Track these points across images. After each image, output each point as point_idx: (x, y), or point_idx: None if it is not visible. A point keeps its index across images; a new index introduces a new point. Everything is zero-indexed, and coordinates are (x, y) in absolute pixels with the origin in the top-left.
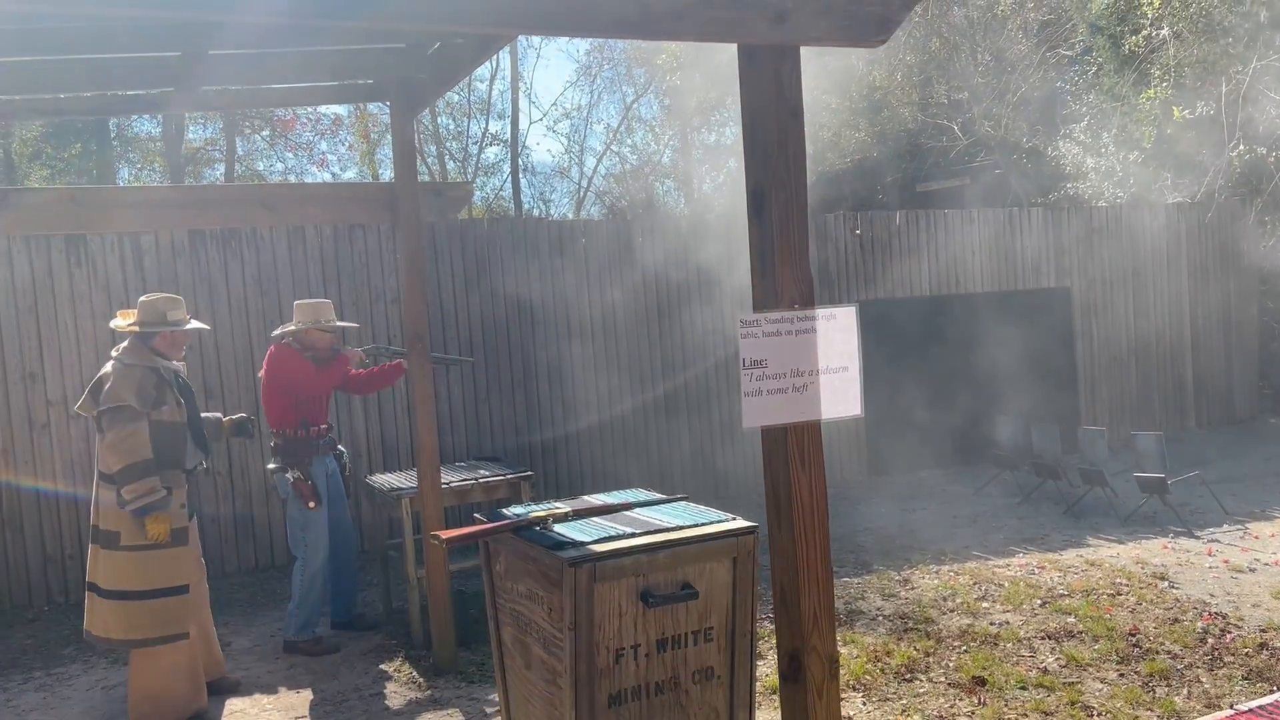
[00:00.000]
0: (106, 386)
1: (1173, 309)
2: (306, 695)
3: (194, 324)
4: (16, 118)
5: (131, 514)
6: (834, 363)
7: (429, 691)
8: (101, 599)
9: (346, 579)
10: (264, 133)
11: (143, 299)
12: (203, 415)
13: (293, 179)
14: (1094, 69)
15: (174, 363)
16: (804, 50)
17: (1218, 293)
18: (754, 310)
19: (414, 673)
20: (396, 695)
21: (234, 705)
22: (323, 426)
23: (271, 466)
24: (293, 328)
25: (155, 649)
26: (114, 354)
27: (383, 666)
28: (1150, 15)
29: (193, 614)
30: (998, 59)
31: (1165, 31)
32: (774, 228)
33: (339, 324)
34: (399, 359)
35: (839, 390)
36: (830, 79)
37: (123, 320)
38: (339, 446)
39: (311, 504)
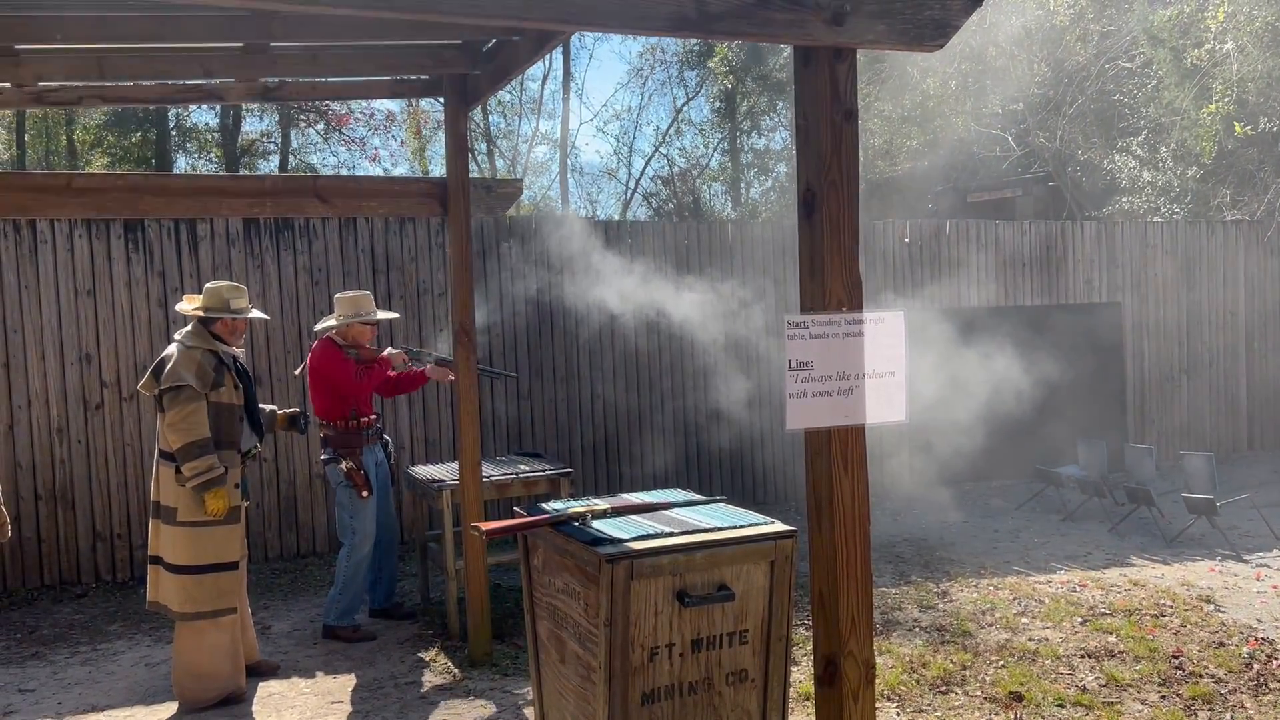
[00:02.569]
0: (168, 367)
1: (1228, 328)
2: (343, 680)
3: (255, 313)
4: (83, 104)
5: (192, 490)
6: (880, 367)
7: (463, 682)
8: (167, 573)
9: (387, 567)
10: (318, 126)
11: (208, 285)
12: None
13: (345, 173)
14: (1154, 82)
15: (233, 348)
16: (857, 55)
17: (1275, 314)
18: (801, 311)
19: (449, 663)
20: (431, 684)
21: (271, 687)
22: (372, 417)
23: (324, 457)
24: (334, 321)
25: (201, 627)
26: (176, 336)
27: (419, 656)
28: (1214, 28)
29: (239, 591)
30: (1055, 69)
31: (1229, 45)
32: (824, 229)
33: (381, 316)
34: (435, 363)
35: (884, 395)
36: (883, 86)
37: (188, 304)
38: (384, 435)
39: (365, 493)
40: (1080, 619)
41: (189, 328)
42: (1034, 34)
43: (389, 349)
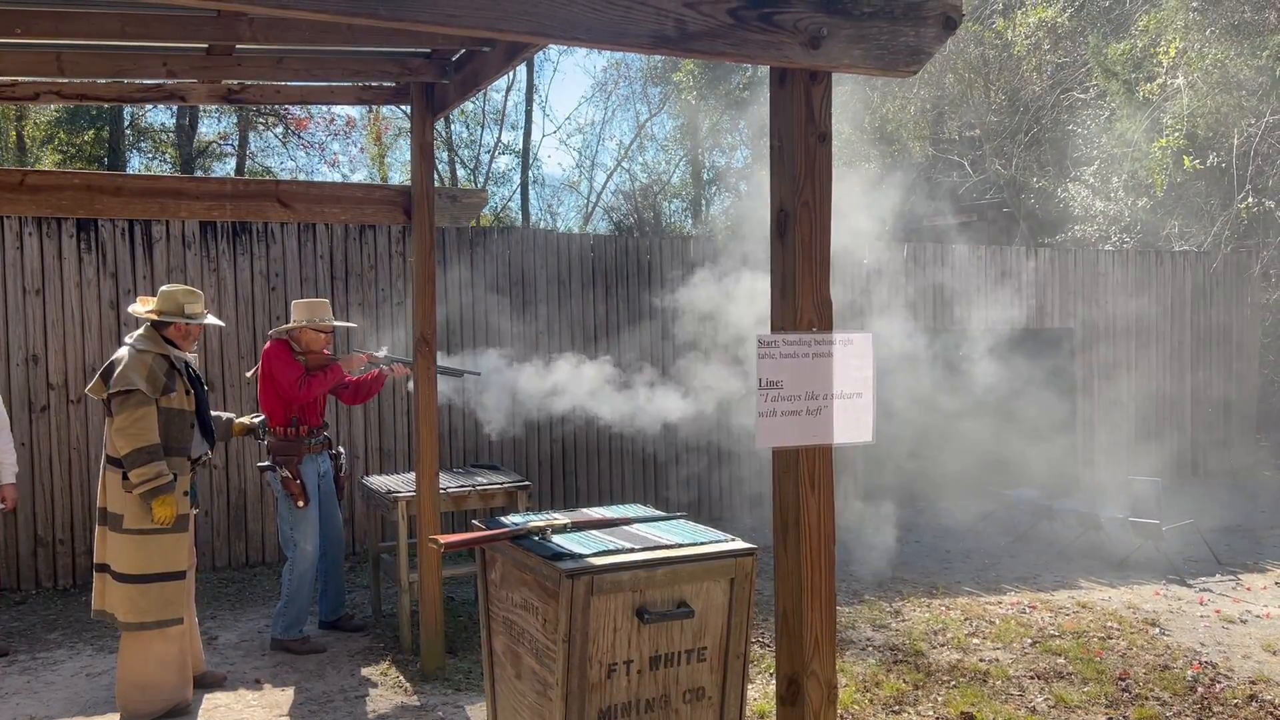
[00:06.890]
0: (118, 370)
1: (1174, 357)
2: (290, 694)
3: (210, 319)
4: (39, 101)
5: (139, 497)
6: (849, 388)
7: (415, 697)
8: (114, 581)
9: (333, 580)
10: (277, 130)
11: (164, 288)
12: (213, 413)
13: (303, 177)
14: (1107, 113)
15: (185, 353)
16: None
17: (1220, 343)
18: (772, 331)
19: (400, 677)
20: (382, 699)
21: (217, 699)
22: (314, 426)
23: (262, 464)
24: (288, 325)
25: (148, 637)
26: (128, 340)
27: (369, 669)
28: (1166, 64)
29: (187, 600)
30: (1011, 98)
31: (1180, 80)
32: (797, 250)
33: (335, 323)
34: (390, 363)
35: (852, 416)
36: (843, 109)
37: (141, 306)
38: (338, 447)
39: (300, 503)
40: (1030, 640)
41: (141, 331)
42: (992, 63)
43: (351, 351)
